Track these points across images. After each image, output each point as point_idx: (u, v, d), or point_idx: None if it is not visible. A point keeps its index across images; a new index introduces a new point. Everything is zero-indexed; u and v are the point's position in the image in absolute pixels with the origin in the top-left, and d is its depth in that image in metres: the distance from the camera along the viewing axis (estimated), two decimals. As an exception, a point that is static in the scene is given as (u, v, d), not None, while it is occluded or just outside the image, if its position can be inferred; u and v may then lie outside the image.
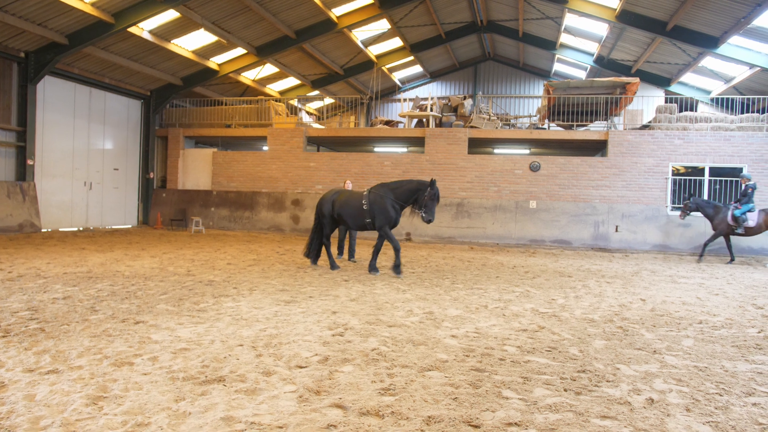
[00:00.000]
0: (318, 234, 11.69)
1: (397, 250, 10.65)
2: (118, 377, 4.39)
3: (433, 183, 10.38)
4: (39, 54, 17.20)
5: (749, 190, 15.18)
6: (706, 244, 15.79)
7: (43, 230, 17.83)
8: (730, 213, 15.23)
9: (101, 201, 20.96)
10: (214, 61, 22.30)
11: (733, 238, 16.41)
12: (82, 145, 20.04)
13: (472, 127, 20.29)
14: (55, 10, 15.57)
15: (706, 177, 18.14)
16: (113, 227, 21.32)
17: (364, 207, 10.88)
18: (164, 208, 22.72)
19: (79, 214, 20.00)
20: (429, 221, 10.31)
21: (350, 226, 11.43)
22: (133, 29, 17.59)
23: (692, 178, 18.33)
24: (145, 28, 18.30)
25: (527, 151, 23.37)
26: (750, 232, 15.25)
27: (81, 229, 19.81)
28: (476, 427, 3.66)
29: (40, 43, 17.02)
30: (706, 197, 18.01)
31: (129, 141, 22.36)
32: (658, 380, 4.73)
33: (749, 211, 15.12)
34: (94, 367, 4.62)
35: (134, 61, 19.94)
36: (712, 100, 23.91)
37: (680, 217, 16.27)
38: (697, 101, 24.27)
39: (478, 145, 21.72)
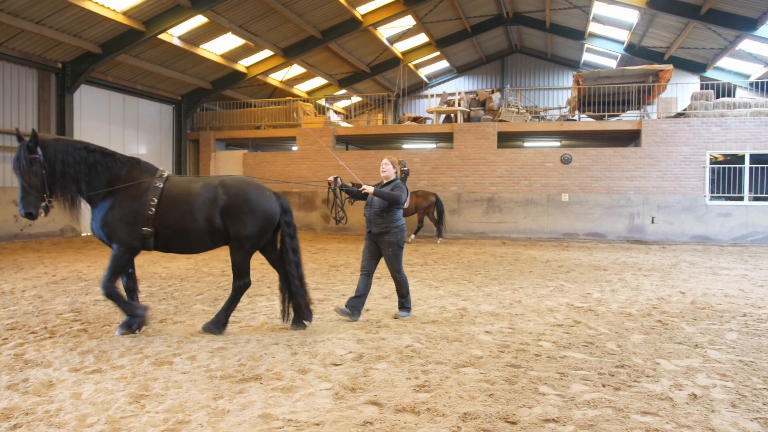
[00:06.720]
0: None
1: None
2: (159, 376, 4.48)
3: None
4: (75, 64, 17.60)
5: (403, 175, 15.45)
6: None
7: (83, 234, 18.27)
8: None
9: (137, 205, 21.35)
10: (242, 64, 22.54)
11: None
12: (118, 151, 20.42)
13: (500, 121, 20.09)
14: (89, 21, 15.91)
15: (747, 164, 17.61)
16: (149, 230, 21.67)
17: None
18: (198, 211, 23.01)
19: (117, 218, 20.40)
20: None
21: None
22: (163, 36, 17.88)
23: (732, 166, 17.82)
24: (174, 35, 18.58)
25: (558, 144, 23.04)
26: (405, 212, 16.21)
27: (119, 233, 20.19)
28: (513, 423, 3.63)
29: (76, 54, 17.41)
30: (747, 185, 17.53)
31: (162, 145, 22.78)
32: (700, 375, 4.62)
33: None
34: (136, 366, 4.73)
35: (165, 67, 20.28)
36: (751, 84, 23.19)
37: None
38: (735, 86, 23.54)
39: (507, 139, 21.50)
